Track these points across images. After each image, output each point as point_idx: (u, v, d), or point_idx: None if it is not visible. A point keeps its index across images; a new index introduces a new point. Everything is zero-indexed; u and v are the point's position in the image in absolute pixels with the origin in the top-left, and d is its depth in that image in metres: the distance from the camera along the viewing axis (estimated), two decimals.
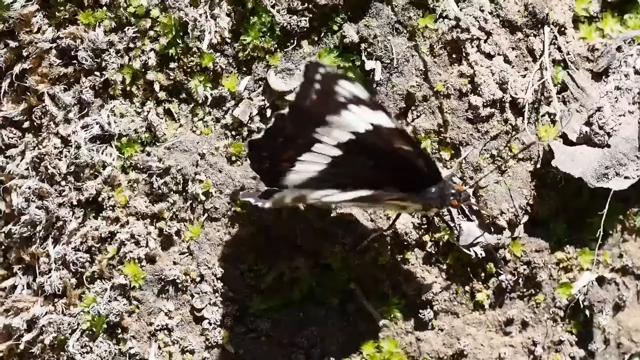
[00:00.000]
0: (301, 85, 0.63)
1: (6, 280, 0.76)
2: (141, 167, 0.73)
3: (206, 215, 0.74)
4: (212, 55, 0.72)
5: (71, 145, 0.72)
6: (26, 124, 0.74)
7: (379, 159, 0.67)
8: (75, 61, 0.72)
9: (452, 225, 0.74)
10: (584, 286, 0.76)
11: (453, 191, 0.68)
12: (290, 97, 0.72)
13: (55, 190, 0.73)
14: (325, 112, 0.64)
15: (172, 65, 0.73)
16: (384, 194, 0.65)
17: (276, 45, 0.73)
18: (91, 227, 0.73)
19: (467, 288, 0.76)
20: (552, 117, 0.75)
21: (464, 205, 0.74)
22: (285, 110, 0.66)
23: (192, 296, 0.74)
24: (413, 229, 0.75)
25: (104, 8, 0.72)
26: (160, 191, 0.73)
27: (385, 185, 0.68)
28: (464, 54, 0.74)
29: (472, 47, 0.74)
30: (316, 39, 0.73)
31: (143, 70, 0.73)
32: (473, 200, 0.73)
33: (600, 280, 0.77)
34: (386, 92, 0.74)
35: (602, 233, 0.74)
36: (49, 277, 0.73)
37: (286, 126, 0.66)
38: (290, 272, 0.74)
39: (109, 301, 0.73)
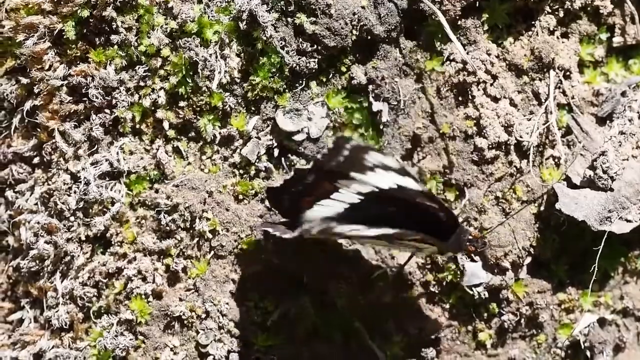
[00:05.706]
0: (329, 152, 0.64)
1: (14, 313, 0.76)
2: (149, 204, 0.74)
3: (212, 252, 0.74)
4: (222, 95, 0.73)
5: (80, 182, 0.73)
6: (36, 160, 0.75)
7: (399, 208, 0.68)
8: (85, 98, 0.73)
9: (455, 265, 0.75)
10: (585, 327, 0.77)
11: (470, 237, 0.69)
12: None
13: (64, 225, 0.74)
14: (350, 170, 0.65)
15: (181, 103, 0.73)
16: (407, 233, 0.65)
17: (285, 86, 0.73)
18: (99, 262, 0.74)
19: (469, 327, 0.77)
20: (556, 160, 0.76)
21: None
22: (308, 166, 0.67)
23: (198, 332, 0.74)
24: (417, 268, 0.75)
25: (115, 46, 0.72)
26: (167, 228, 0.74)
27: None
28: (470, 97, 0.75)
29: (479, 90, 0.75)
30: (324, 80, 0.74)
31: (153, 108, 0.73)
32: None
33: (601, 322, 0.78)
34: (392, 133, 0.74)
35: (596, 270, 0.74)
36: (56, 311, 0.74)
37: (306, 177, 0.67)
38: (296, 309, 0.74)
39: (116, 336, 0.74)
